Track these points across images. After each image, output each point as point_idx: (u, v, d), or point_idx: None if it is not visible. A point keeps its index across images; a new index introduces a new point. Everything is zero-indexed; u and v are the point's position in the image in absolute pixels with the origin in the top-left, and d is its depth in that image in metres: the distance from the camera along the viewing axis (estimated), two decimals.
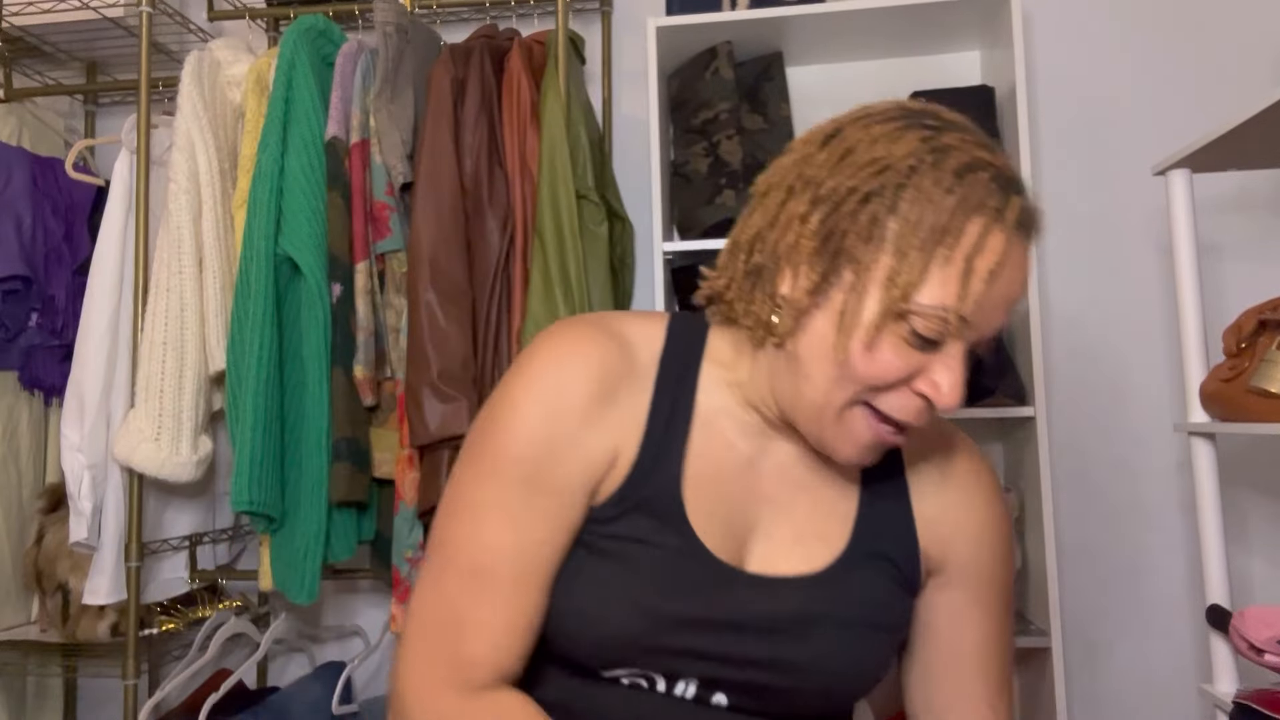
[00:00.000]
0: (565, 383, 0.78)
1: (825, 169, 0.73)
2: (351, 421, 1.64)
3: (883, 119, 0.74)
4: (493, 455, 0.78)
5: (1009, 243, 0.70)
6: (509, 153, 1.71)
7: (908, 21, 1.81)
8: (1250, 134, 1.24)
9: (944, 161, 0.70)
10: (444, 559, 0.79)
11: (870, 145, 0.72)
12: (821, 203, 0.72)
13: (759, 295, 0.77)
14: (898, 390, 0.73)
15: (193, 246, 1.70)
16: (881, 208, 0.70)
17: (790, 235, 0.74)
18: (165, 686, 1.71)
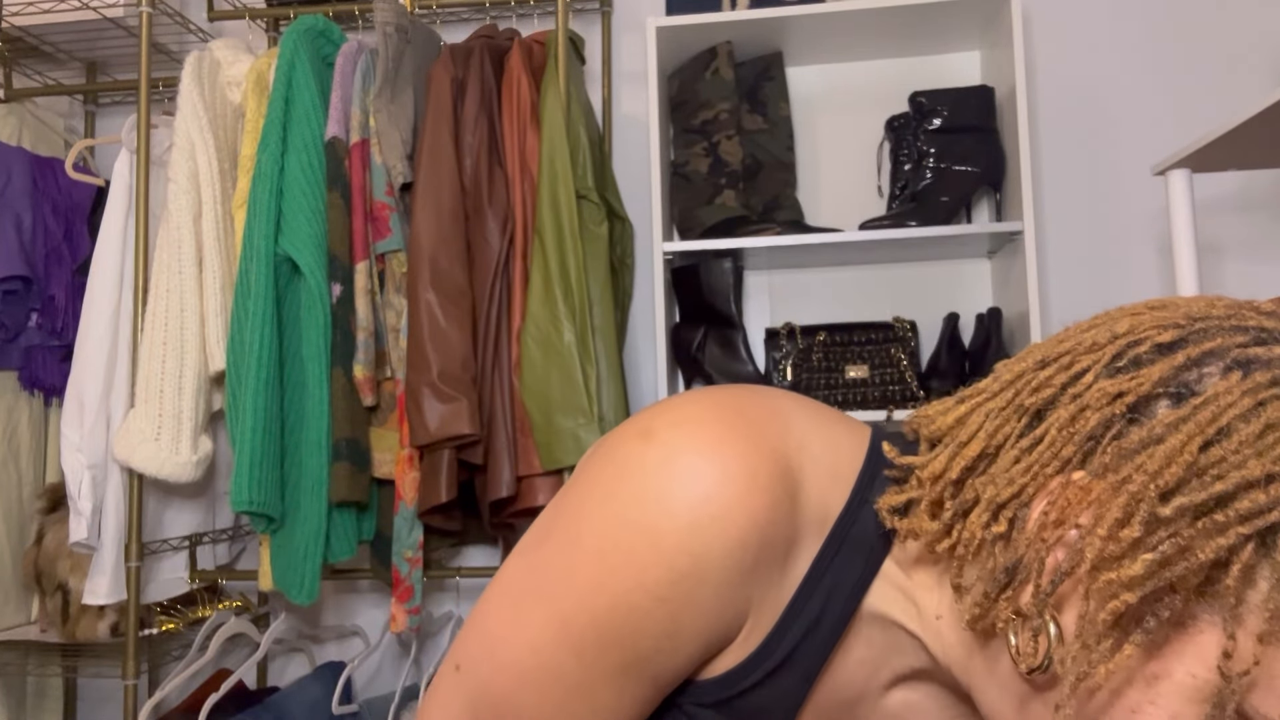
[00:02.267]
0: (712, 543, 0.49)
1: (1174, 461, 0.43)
2: (351, 421, 1.64)
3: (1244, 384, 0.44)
4: (588, 623, 0.51)
5: None
6: (509, 153, 1.71)
7: (908, 21, 1.82)
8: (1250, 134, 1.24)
9: None
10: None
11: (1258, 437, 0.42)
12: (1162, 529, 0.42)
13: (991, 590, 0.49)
14: None
15: (193, 246, 1.70)
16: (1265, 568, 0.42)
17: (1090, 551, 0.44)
18: (165, 686, 1.71)
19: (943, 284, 1.94)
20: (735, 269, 1.82)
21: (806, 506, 0.53)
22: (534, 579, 0.54)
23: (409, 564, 1.65)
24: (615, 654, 0.52)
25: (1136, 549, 0.43)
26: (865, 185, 1.96)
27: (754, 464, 0.50)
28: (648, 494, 0.50)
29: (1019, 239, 1.69)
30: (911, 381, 1.77)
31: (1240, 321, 0.47)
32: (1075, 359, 0.49)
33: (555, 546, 0.53)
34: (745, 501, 0.50)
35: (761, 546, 0.51)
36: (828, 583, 0.54)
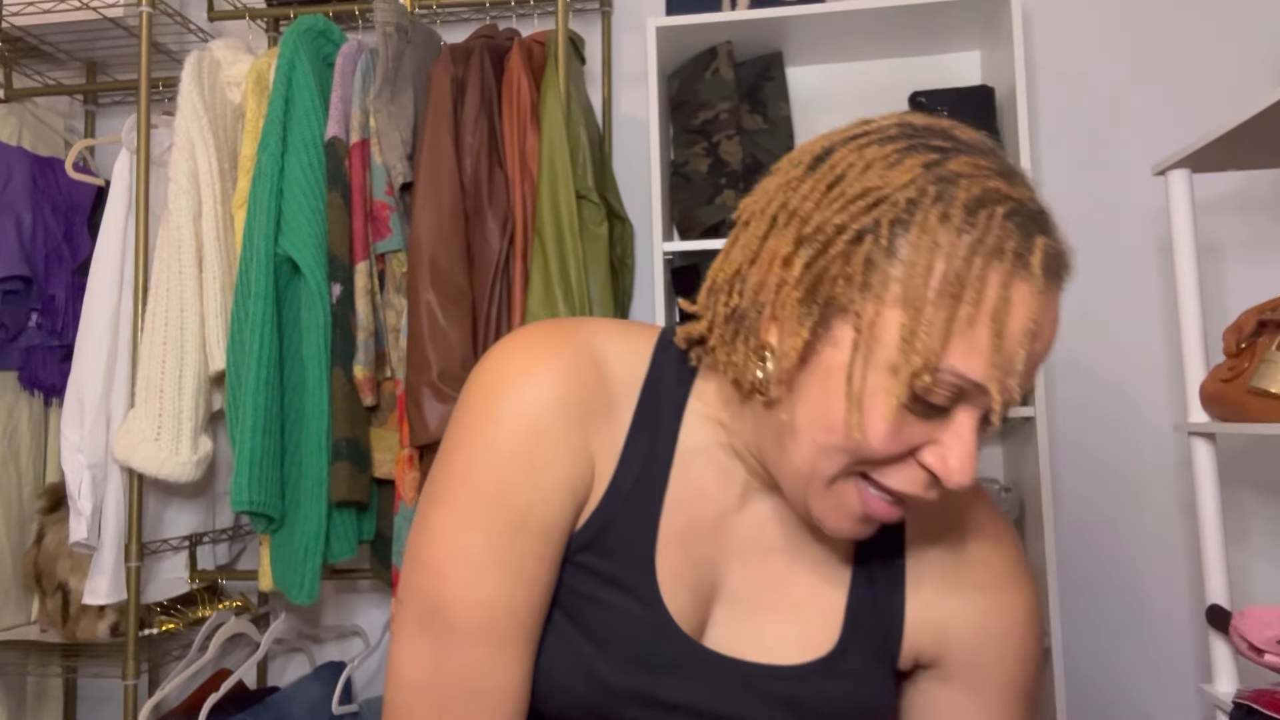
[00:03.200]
0: (538, 404, 0.67)
1: (811, 200, 0.61)
2: (351, 421, 1.64)
3: (880, 138, 0.62)
4: (471, 495, 0.66)
5: (1040, 295, 0.58)
6: (509, 153, 1.71)
7: (908, 21, 1.81)
8: (1250, 134, 1.24)
9: (951, 194, 0.58)
10: (441, 622, 0.67)
11: (863, 172, 0.60)
12: (807, 242, 0.61)
13: (741, 345, 0.65)
14: (899, 462, 0.62)
15: (193, 246, 1.70)
16: (878, 250, 0.58)
17: (772, 278, 0.62)
18: (165, 686, 1.71)
19: None
20: None
21: (613, 373, 0.70)
22: (427, 495, 0.70)
23: None
24: (502, 516, 0.66)
25: (795, 257, 0.61)
26: None
27: (558, 346, 0.69)
28: (483, 385, 0.68)
29: None
30: None
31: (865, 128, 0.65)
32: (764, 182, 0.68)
33: (437, 464, 0.69)
34: (556, 369, 0.67)
35: (580, 401, 0.68)
36: (649, 426, 0.71)
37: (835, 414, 0.61)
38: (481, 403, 0.68)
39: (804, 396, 0.63)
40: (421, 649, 0.68)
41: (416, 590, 0.69)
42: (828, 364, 0.61)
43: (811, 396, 0.62)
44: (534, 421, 0.66)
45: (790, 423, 0.64)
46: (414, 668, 0.68)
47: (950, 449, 0.61)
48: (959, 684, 0.76)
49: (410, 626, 0.69)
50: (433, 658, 0.67)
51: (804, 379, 0.63)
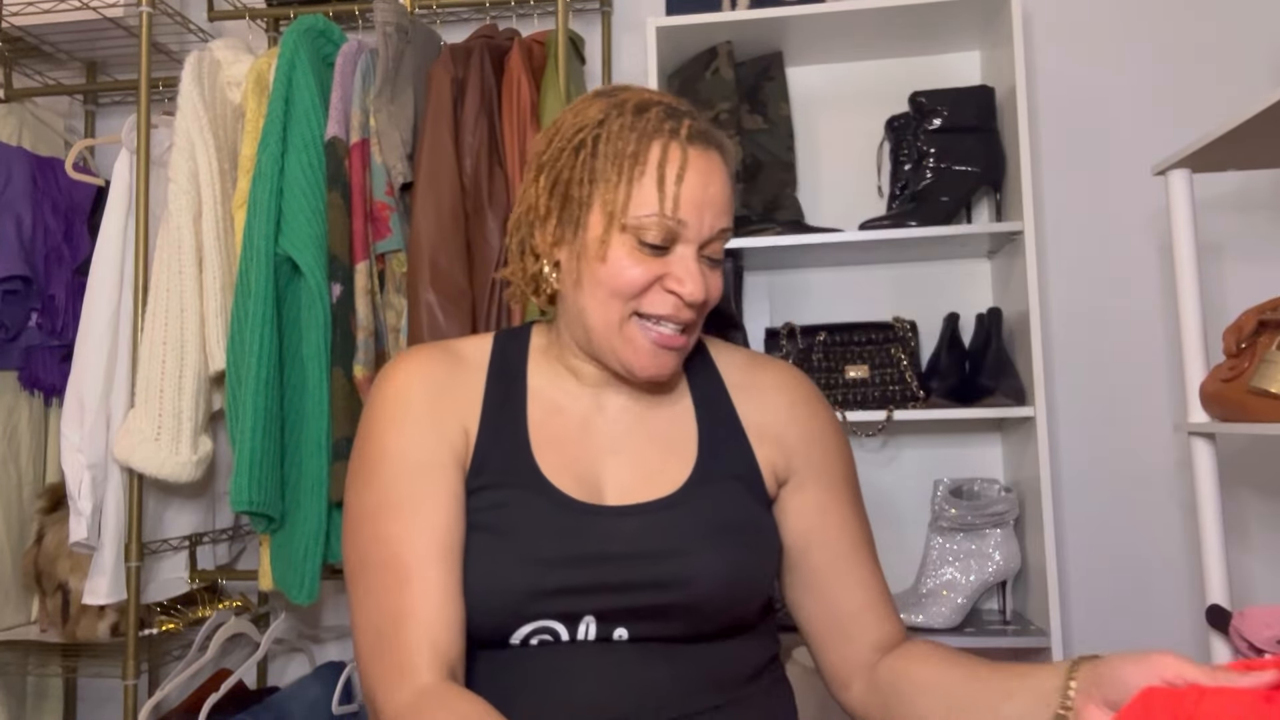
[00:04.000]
0: (405, 389, 0.91)
1: (544, 142, 0.93)
2: (351, 421, 1.64)
3: (581, 100, 0.94)
4: (369, 466, 0.89)
5: (686, 151, 0.87)
6: (509, 153, 1.71)
7: (908, 21, 1.81)
8: (1250, 134, 1.24)
9: (624, 108, 0.89)
10: (360, 569, 0.86)
11: (573, 117, 0.92)
12: (546, 167, 0.91)
13: (526, 260, 0.95)
14: (652, 294, 0.88)
15: (193, 246, 1.70)
16: (586, 154, 0.88)
17: (530, 201, 0.93)
18: (165, 686, 1.71)
19: (943, 284, 1.94)
20: (735, 269, 1.82)
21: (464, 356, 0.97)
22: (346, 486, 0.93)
23: None
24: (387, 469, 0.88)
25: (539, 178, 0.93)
26: (865, 185, 1.96)
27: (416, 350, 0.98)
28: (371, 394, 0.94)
29: (1019, 239, 1.69)
30: (912, 381, 1.77)
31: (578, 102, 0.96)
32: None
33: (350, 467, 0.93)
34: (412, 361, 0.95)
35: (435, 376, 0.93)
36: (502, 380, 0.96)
37: (595, 273, 0.88)
38: (369, 404, 0.93)
39: (570, 271, 0.91)
40: (355, 596, 0.86)
41: (345, 556, 0.89)
42: (584, 243, 0.89)
43: (576, 269, 0.90)
44: (398, 396, 0.91)
45: (577, 300, 0.90)
46: (355, 613, 0.85)
47: (680, 272, 0.87)
48: (810, 485, 0.98)
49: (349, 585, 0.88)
50: (363, 598, 0.85)
51: (569, 261, 0.91)
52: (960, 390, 1.73)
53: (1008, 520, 1.70)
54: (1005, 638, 1.63)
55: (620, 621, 0.86)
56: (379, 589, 0.84)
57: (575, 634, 0.86)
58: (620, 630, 0.86)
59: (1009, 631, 1.66)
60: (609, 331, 0.89)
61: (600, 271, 0.87)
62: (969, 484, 1.75)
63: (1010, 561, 1.70)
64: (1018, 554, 1.71)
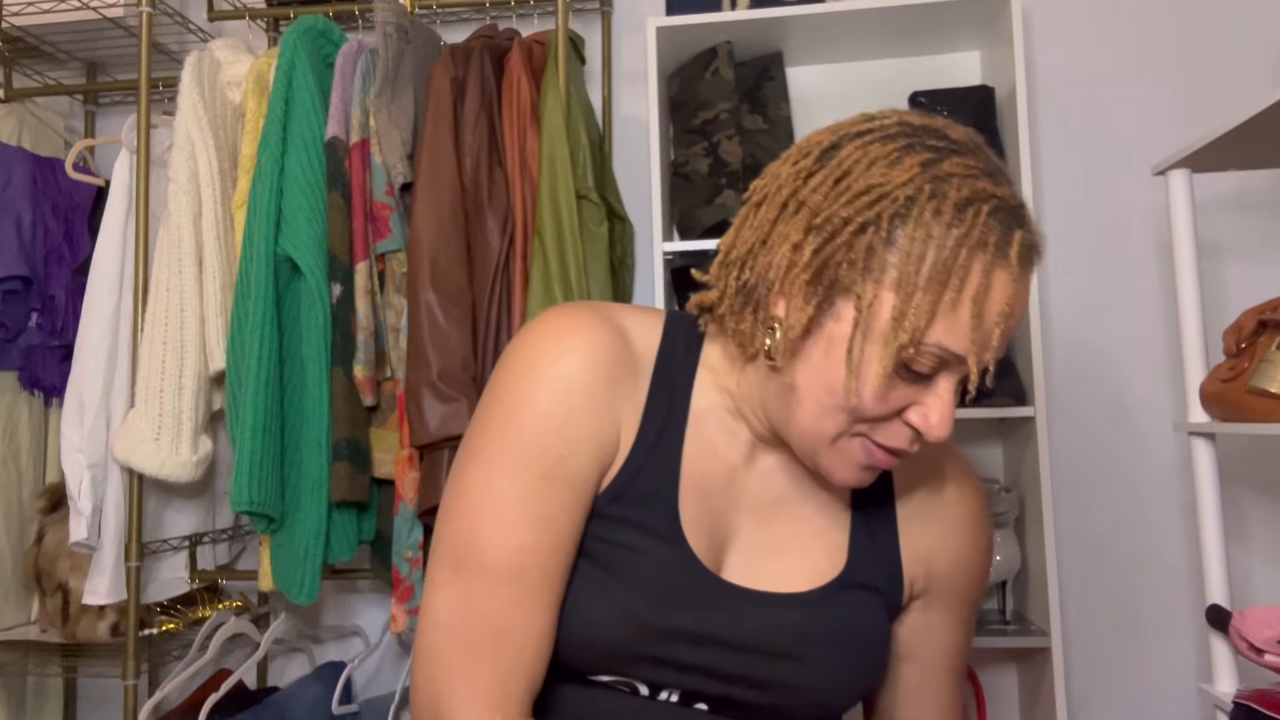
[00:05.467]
0: (572, 367, 0.75)
1: (820, 193, 0.71)
2: (351, 421, 1.64)
3: (882, 137, 0.71)
4: (507, 449, 0.74)
5: (1015, 282, 0.69)
6: (509, 153, 1.71)
7: (908, 21, 1.81)
8: (1250, 134, 1.24)
9: (944, 192, 0.68)
10: (474, 565, 0.73)
11: (867, 169, 0.70)
12: (816, 231, 0.70)
13: (750, 315, 0.75)
14: (888, 421, 0.73)
15: (193, 246, 1.70)
16: (879, 240, 0.68)
17: (782, 260, 0.72)
18: (165, 686, 1.71)
19: None
20: None
21: (634, 345, 0.80)
22: (462, 453, 0.78)
23: (409, 564, 1.65)
24: (534, 466, 0.73)
25: (804, 244, 0.70)
26: None
27: (590, 321, 0.78)
28: (522, 352, 0.77)
29: None
30: None
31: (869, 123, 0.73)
32: (776, 167, 0.76)
33: (473, 424, 0.78)
34: (587, 335, 0.77)
35: (609, 366, 0.77)
36: (665, 393, 0.80)
37: (835, 379, 0.71)
38: (521, 366, 0.76)
39: (807, 363, 0.73)
40: (454, 592, 0.74)
41: (451, 537, 0.75)
42: (830, 335, 0.71)
43: (814, 363, 0.72)
44: (568, 381, 0.75)
45: (794, 386, 0.74)
46: (446, 609, 0.74)
47: (931, 409, 0.72)
48: (938, 608, 0.88)
49: (444, 572, 0.75)
50: (465, 599, 0.73)
51: (807, 348, 0.73)
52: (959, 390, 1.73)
53: (1008, 520, 1.70)
54: (1005, 638, 1.63)
55: (706, 700, 0.79)
56: (493, 598, 0.73)
57: (656, 695, 0.79)
58: (702, 705, 0.79)
59: (1009, 631, 1.66)
60: (818, 438, 0.74)
61: (839, 382, 0.70)
62: None
63: (1010, 561, 1.70)
64: (1018, 554, 1.71)
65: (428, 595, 0.75)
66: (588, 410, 0.75)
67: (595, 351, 0.76)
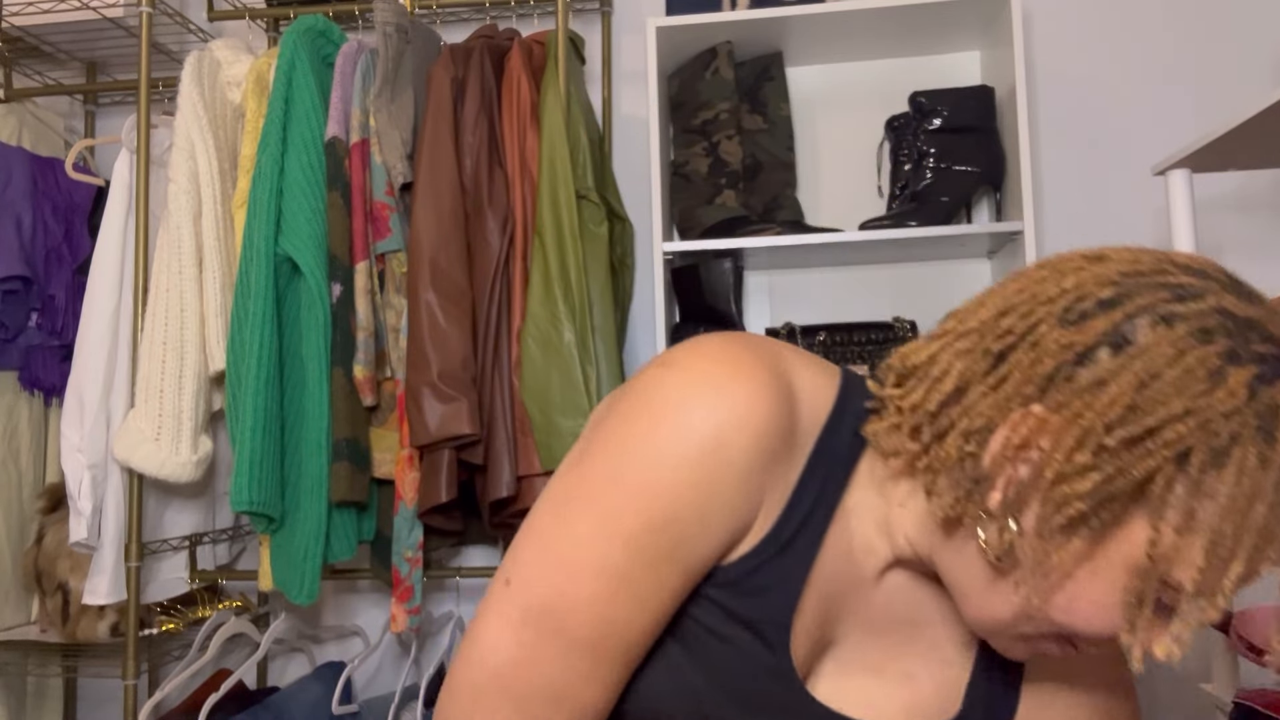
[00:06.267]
0: (732, 435, 0.60)
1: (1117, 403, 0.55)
2: (351, 421, 1.64)
3: (1198, 330, 0.55)
4: (633, 512, 0.61)
5: None
6: (509, 153, 1.71)
7: (908, 22, 1.81)
8: (1250, 134, 1.24)
9: (1274, 432, 0.53)
10: (553, 622, 0.62)
11: (1179, 380, 0.54)
12: (1104, 454, 0.54)
13: (971, 504, 0.60)
14: None
15: (193, 246, 1.70)
16: (1185, 482, 0.54)
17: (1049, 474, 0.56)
18: (165, 686, 1.71)
19: (943, 284, 1.94)
20: (735, 269, 1.82)
21: (801, 416, 0.65)
22: (578, 489, 0.63)
23: (409, 564, 1.65)
24: (657, 540, 0.60)
25: (1086, 469, 0.55)
26: (865, 185, 1.96)
27: (761, 377, 0.62)
28: (678, 403, 0.61)
29: (1019, 239, 1.69)
30: None
31: (1164, 278, 0.58)
32: (1033, 309, 0.60)
33: (595, 459, 0.63)
34: (758, 404, 0.61)
35: (771, 437, 0.62)
36: (818, 482, 0.66)
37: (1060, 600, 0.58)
38: (670, 413, 0.61)
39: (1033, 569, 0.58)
40: (519, 640, 0.63)
41: (536, 581, 0.63)
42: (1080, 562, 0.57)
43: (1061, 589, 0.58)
44: (722, 443, 0.60)
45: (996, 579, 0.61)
46: (504, 653, 0.64)
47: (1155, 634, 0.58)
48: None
49: (513, 612, 0.64)
50: (530, 653, 0.63)
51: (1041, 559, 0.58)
52: None
53: None
54: None
55: None
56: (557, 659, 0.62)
57: None
58: None
59: None
60: (1003, 630, 0.63)
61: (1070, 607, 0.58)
62: None
63: None
64: None
65: (485, 626, 0.64)
66: (735, 488, 0.61)
67: (761, 420, 0.61)
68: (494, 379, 1.64)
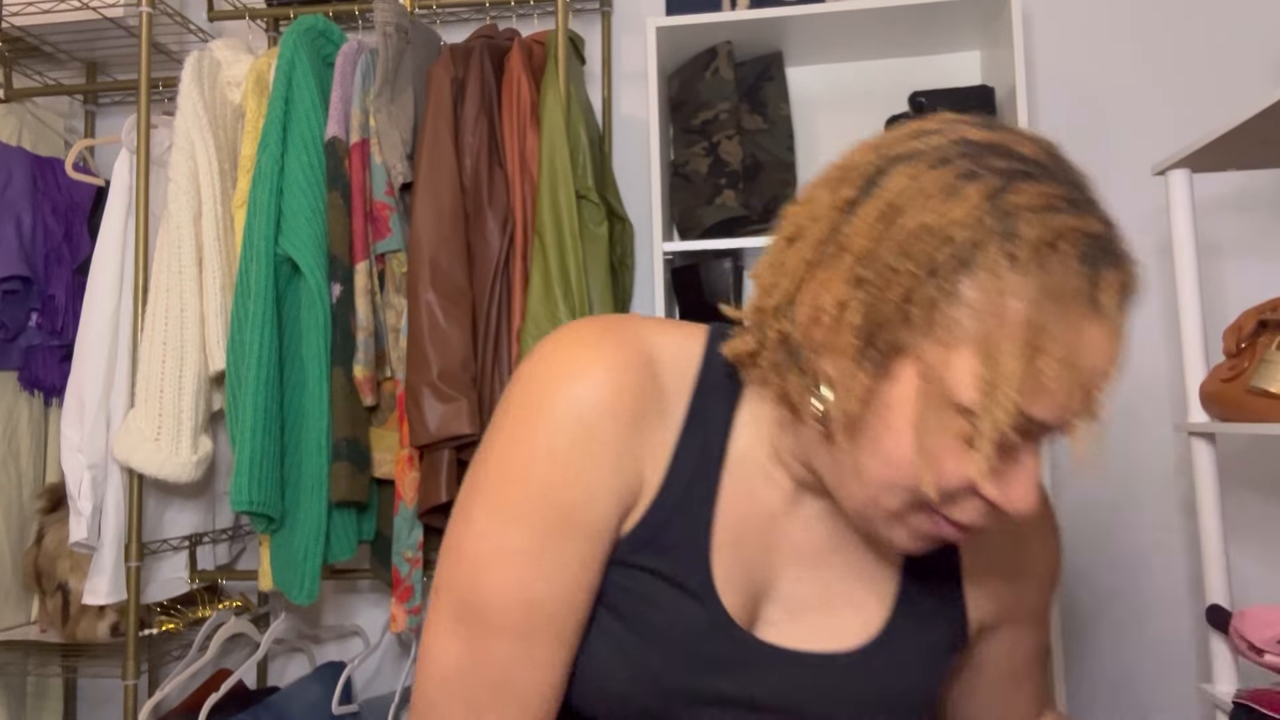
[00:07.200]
0: (590, 405, 0.65)
1: (865, 235, 0.59)
2: (351, 421, 1.64)
3: (937, 159, 0.59)
4: (519, 496, 0.65)
5: (1108, 332, 0.57)
6: (509, 153, 1.71)
7: (908, 21, 1.81)
8: (1250, 134, 1.24)
9: (1016, 231, 0.56)
10: (478, 618, 0.66)
11: (922, 206, 0.57)
12: (863, 285, 0.58)
13: (795, 376, 0.64)
14: (965, 498, 0.62)
15: (193, 246, 1.70)
16: (940, 294, 0.56)
17: (827, 318, 0.60)
18: (165, 686, 1.71)
19: None
20: (735, 269, 1.82)
21: (665, 375, 0.69)
22: (474, 486, 0.68)
23: (409, 564, 1.65)
24: (546, 515, 0.65)
25: (851, 303, 0.59)
26: None
27: (615, 353, 0.67)
28: (535, 380, 0.67)
29: None
30: None
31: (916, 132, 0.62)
32: (815, 192, 0.65)
33: (485, 456, 0.68)
34: (610, 368, 0.66)
35: (632, 402, 0.67)
36: (700, 430, 0.70)
37: (897, 453, 0.60)
38: (532, 398, 0.67)
39: (864, 433, 0.61)
40: (455, 642, 0.67)
41: (453, 583, 0.68)
42: (888, 402, 0.60)
43: (873, 434, 0.61)
44: (586, 420, 0.65)
45: (849, 457, 0.63)
46: (447, 659, 0.67)
47: (1013, 480, 0.60)
48: (1008, 624, 0.82)
49: (445, 619, 0.68)
50: (467, 650, 0.67)
51: (857, 411, 0.61)
52: None
53: None
54: None
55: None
56: (497, 653, 0.66)
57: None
58: None
59: None
60: (876, 512, 0.64)
61: (903, 457, 0.60)
62: None
63: None
64: None
65: (428, 643, 0.69)
66: (608, 453, 0.66)
67: (618, 385, 0.66)
68: (494, 379, 1.64)
